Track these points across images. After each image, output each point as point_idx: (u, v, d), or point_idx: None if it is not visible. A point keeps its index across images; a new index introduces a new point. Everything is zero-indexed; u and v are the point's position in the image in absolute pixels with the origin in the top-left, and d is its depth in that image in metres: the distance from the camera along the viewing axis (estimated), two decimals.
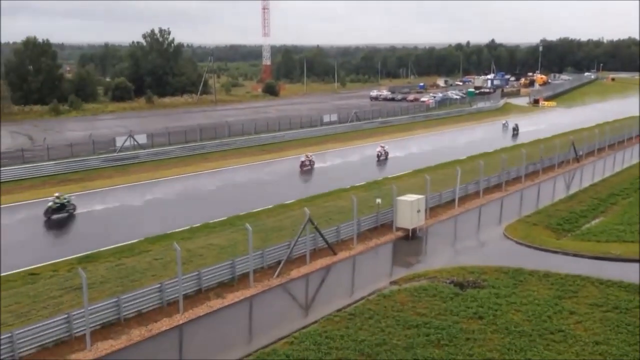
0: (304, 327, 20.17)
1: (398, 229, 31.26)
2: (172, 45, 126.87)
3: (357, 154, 54.76)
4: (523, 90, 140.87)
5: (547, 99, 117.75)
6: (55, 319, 19.06)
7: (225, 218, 32.91)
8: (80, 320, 19.17)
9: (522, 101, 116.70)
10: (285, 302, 23.32)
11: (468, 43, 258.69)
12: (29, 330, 18.32)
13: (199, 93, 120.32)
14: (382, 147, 54.06)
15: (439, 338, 19.00)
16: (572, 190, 42.09)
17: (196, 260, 25.79)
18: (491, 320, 20.32)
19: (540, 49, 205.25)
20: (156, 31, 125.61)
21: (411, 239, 30.74)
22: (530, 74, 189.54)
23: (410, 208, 30.72)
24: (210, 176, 45.89)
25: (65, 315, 19.20)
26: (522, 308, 21.36)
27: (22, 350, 18.02)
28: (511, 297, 22.36)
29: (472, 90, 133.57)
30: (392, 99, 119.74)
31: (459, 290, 23.11)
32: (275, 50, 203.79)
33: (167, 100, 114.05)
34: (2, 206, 35.94)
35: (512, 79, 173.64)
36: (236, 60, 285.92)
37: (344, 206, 33.70)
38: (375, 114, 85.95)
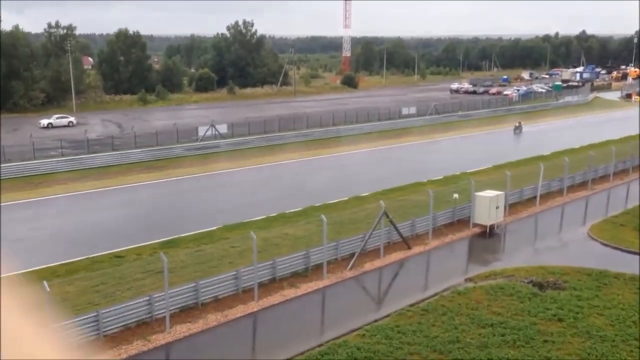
0: (375, 321, 20.16)
1: (475, 225, 30.62)
2: (255, 36, 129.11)
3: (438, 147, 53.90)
4: (615, 84, 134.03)
5: None
6: (137, 301, 19.99)
7: (301, 209, 33.32)
8: (160, 302, 19.99)
9: (614, 95, 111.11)
10: (357, 295, 23.38)
11: (557, 34, 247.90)
12: (114, 310, 19.30)
13: (279, 84, 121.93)
14: None
15: (514, 339, 18.51)
16: None
17: (271, 250, 26.24)
18: (571, 323, 19.58)
19: (635, 40, 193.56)
20: (240, 23, 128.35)
21: (489, 236, 30.03)
22: (623, 67, 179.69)
23: (488, 204, 29.99)
24: (296, 165, 46.76)
25: (147, 298, 20.09)
26: (605, 312, 20.46)
27: (107, 329, 19.02)
28: (594, 300, 21.46)
29: (559, 83, 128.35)
30: (474, 92, 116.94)
31: (538, 290, 22.39)
32: (355, 41, 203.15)
33: (248, 91, 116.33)
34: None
35: (603, 72, 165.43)
36: (316, 52, 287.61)
37: (420, 200, 33.27)
38: (455, 107, 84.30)
